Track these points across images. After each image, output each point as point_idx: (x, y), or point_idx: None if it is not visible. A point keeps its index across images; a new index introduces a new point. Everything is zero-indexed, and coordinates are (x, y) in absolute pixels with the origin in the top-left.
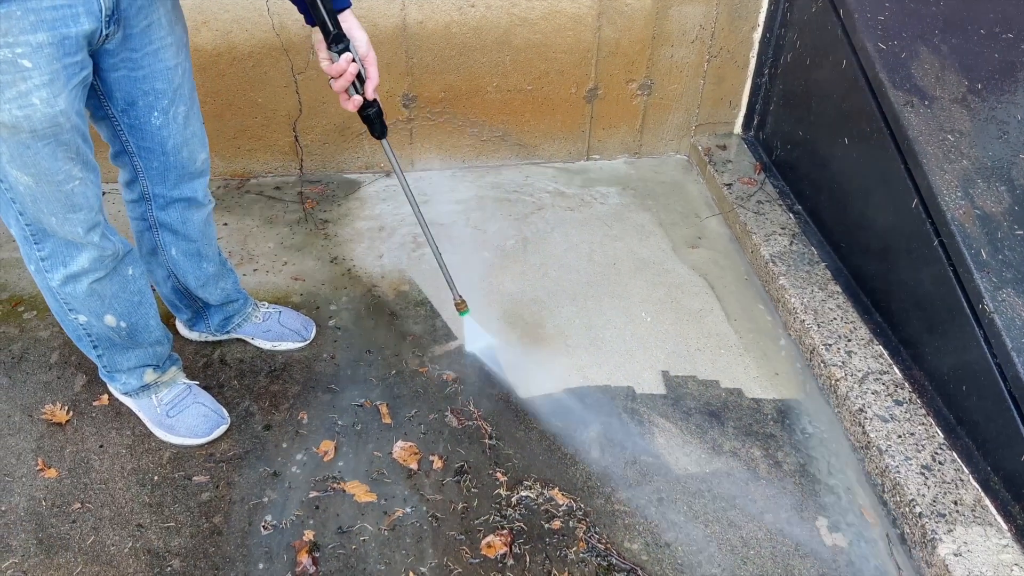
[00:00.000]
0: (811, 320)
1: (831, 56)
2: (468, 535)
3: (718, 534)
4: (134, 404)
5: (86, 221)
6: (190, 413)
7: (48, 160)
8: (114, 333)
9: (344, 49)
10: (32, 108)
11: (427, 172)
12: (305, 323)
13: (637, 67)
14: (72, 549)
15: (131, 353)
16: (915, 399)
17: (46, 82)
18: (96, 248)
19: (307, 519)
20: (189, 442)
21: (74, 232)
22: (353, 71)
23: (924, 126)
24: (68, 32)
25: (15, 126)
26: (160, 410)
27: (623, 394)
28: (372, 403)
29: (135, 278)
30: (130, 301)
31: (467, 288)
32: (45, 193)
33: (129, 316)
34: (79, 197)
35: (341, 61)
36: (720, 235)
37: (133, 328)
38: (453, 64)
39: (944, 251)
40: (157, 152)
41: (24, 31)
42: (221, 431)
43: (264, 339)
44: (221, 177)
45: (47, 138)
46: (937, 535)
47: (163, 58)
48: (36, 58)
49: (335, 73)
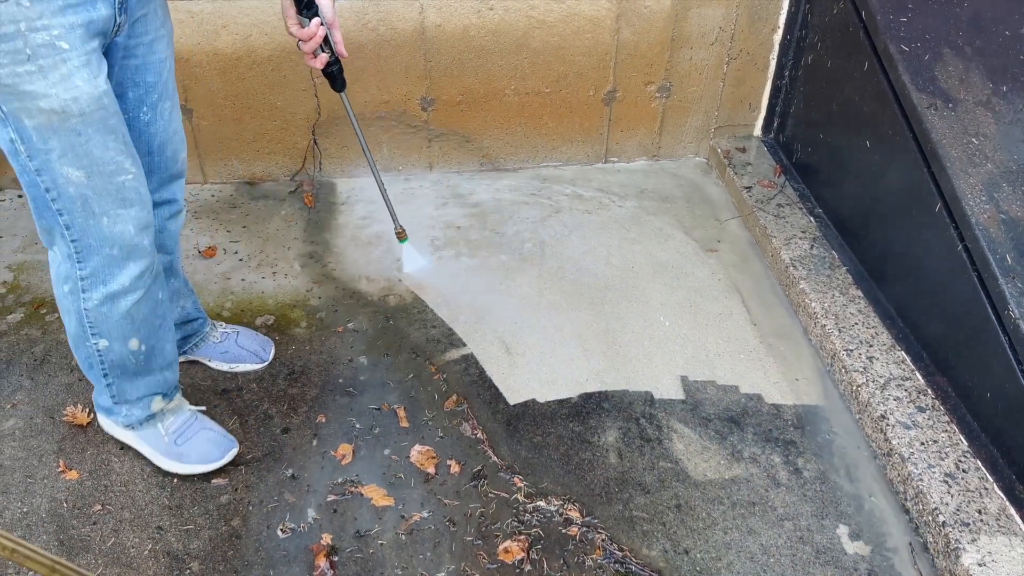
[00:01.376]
0: (832, 325)
1: (853, 58)
2: (485, 540)
3: (737, 541)
4: (136, 437)
5: (138, 219)
6: (200, 439)
7: (99, 149)
8: (132, 357)
9: (313, 15)
10: (77, 89)
11: (445, 174)
12: (263, 343)
13: (656, 69)
14: (93, 551)
15: (140, 381)
16: (938, 406)
17: (84, 63)
18: (145, 254)
19: (325, 522)
20: (201, 469)
21: (125, 231)
22: (322, 34)
23: (948, 129)
24: (91, 16)
25: (64, 111)
26: (168, 439)
27: (641, 399)
28: (390, 406)
29: (162, 302)
30: (153, 324)
31: (484, 291)
32: (97, 188)
33: (150, 339)
34: (131, 192)
35: (311, 25)
36: (739, 238)
37: (151, 351)
38: (471, 67)
39: (968, 256)
40: (143, 152)
41: (55, 13)
42: (232, 455)
43: (221, 360)
44: (240, 179)
45: (96, 123)
46: (961, 544)
47: (156, 50)
48: (71, 39)
49: (305, 36)
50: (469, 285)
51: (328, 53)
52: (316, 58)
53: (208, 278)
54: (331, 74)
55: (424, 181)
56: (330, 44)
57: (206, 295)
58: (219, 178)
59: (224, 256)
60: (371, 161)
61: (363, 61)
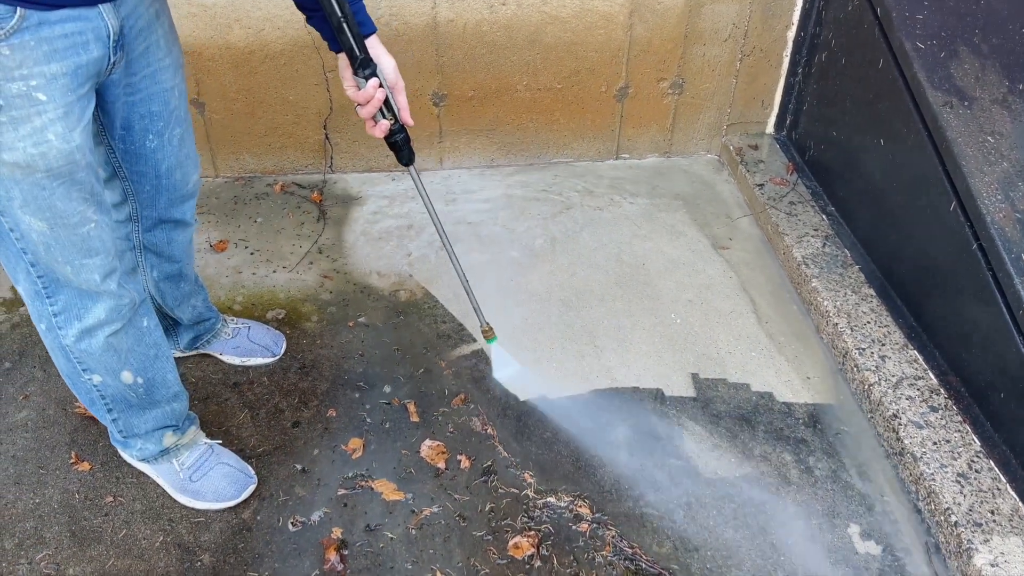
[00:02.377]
0: (844, 323)
1: (867, 55)
2: (495, 536)
3: (747, 539)
4: (153, 471)
5: (103, 267)
6: (215, 475)
7: (63, 201)
8: (130, 391)
9: (371, 74)
10: (48, 145)
11: (456, 170)
12: (275, 338)
13: (669, 66)
14: (104, 542)
15: (148, 414)
16: (951, 405)
17: (61, 116)
18: (113, 296)
19: (335, 516)
20: (217, 507)
21: (90, 280)
22: (380, 97)
23: (963, 127)
24: (80, 61)
25: (30, 165)
26: (183, 475)
27: (652, 396)
28: (400, 401)
29: (150, 330)
30: (146, 355)
31: (495, 288)
32: (60, 238)
33: (146, 371)
34: (95, 241)
35: (368, 87)
36: (751, 236)
37: (150, 384)
38: (483, 62)
39: (983, 255)
40: (150, 175)
41: (38, 62)
42: (250, 491)
43: (233, 355)
44: (251, 173)
45: (63, 177)
46: (973, 545)
47: (160, 80)
48: (50, 90)
49: (362, 100)
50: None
51: (391, 119)
52: (376, 125)
53: (219, 272)
54: (395, 144)
55: (435, 176)
56: (392, 109)
57: (217, 289)
58: (231, 172)
59: (235, 250)
60: (451, 251)
61: None
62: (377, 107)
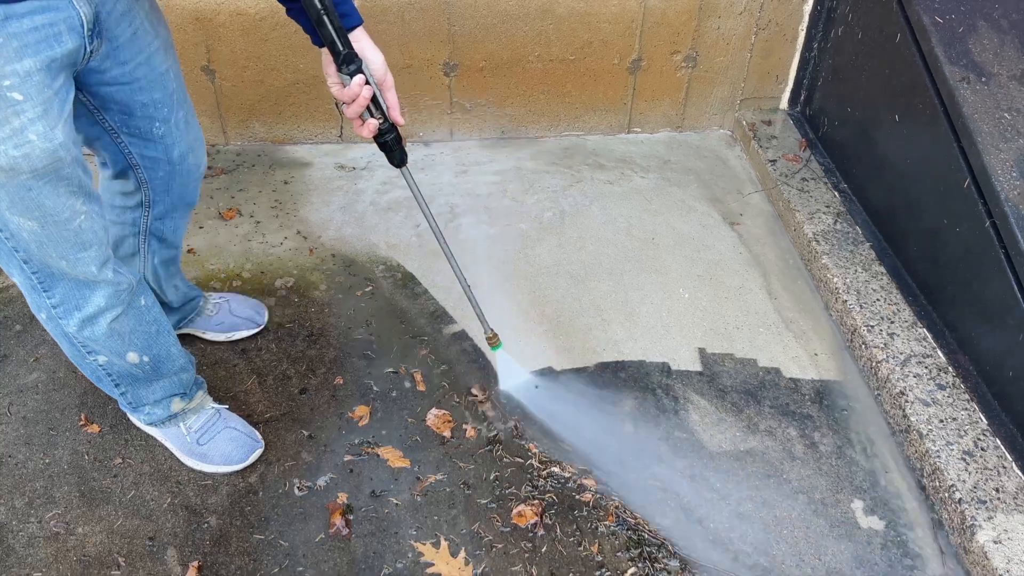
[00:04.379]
0: (853, 300)
1: (884, 30)
2: (500, 504)
3: (751, 512)
4: (160, 434)
5: (98, 257)
6: (222, 439)
7: (51, 199)
8: (137, 369)
9: (356, 71)
10: (30, 146)
11: (466, 142)
12: (256, 307)
13: (682, 38)
14: (113, 502)
15: (156, 385)
16: (958, 384)
17: (40, 114)
18: (110, 284)
19: (341, 482)
20: (224, 470)
21: (87, 271)
22: (367, 95)
23: (980, 103)
24: (54, 54)
25: (13, 168)
26: (190, 438)
27: (658, 370)
28: (407, 370)
29: (149, 308)
30: (148, 333)
31: (504, 260)
32: (52, 236)
33: (150, 349)
34: (87, 233)
35: (353, 85)
36: (762, 212)
37: (156, 360)
38: (495, 32)
39: (996, 233)
40: (162, 161)
41: (9, 60)
42: (256, 455)
43: (217, 331)
44: (261, 141)
45: (48, 175)
46: (977, 522)
47: (154, 65)
48: (26, 88)
49: (347, 99)
50: (488, 252)
51: (380, 118)
52: (364, 125)
53: (228, 239)
54: (385, 144)
55: (445, 148)
56: (381, 107)
57: (226, 256)
58: (240, 140)
59: (244, 218)
60: (449, 255)
61: (386, 24)
62: (363, 106)
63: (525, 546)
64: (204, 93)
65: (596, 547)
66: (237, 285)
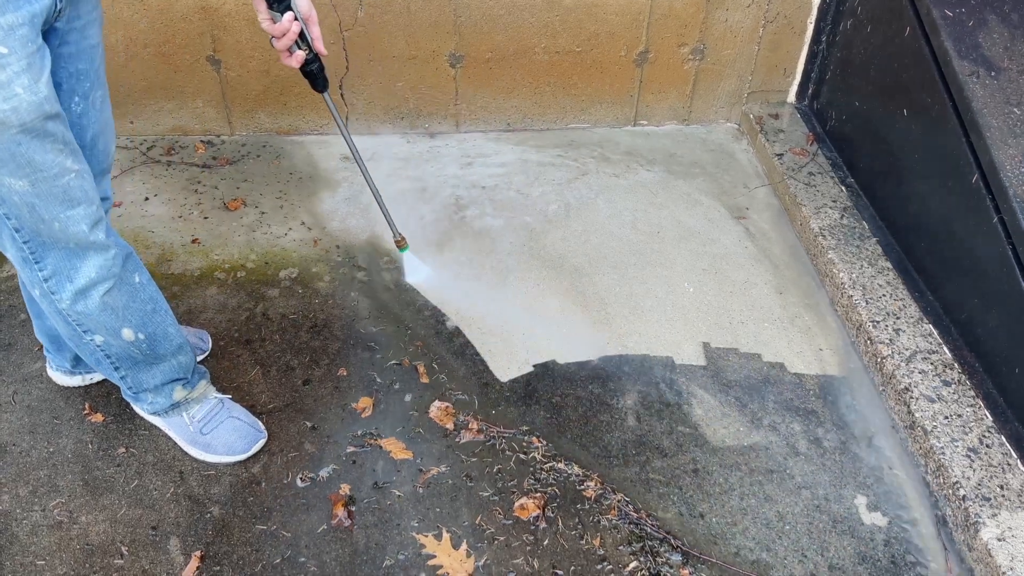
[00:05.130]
0: (859, 296)
1: (893, 23)
2: (502, 497)
3: (753, 507)
4: (164, 423)
5: (88, 216)
6: (225, 429)
7: (40, 154)
8: (134, 348)
9: (286, 8)
10: (17, 99)
11: (471, 133)
12: (199, 335)
13: (690, 31)
14: (116, 492)
15: (155, 369)
16: (964, 380)
17: (24, 68)
18: (102, 248)
19: (344, 473)
20: (227, 459)
21: (78, 231)
22: (296, 30)
23: (989, 98)
24: (34, 9)
25: (3, 122)
26: (193, 428)
27: (662, 364)
28: (410, 362)
29: (144, 285)
30: (143, 310)
31: (508, 252)
32: (42, 193)
33: (146, 326)
34: (76, 191)
35: (284, 20)
36: (768, 206)
37: (152, 338)
38: (501, 23)
39: (1004, 229)
40: None
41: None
42: (259, 446)
43: None
44: (266, 132)
45: (36, 130)
46: (981, 519)
47: (88, 35)
48: (11, 42)
49: (277, 32)
50: (493, 245)
51: (305, 50)
52: (292, 56)
53: (233, 230)
54: (310, 73)
55: (450, 139)
56: (307, 40)
57: (231, 247)
58: (246, 130)
59: (249, 209)
60: (361, 164)
61: (392, 15)
62: (292, 40)
63: (527, 539)
64: (209, 83)
65: (598, 540)
66: (241, 276)
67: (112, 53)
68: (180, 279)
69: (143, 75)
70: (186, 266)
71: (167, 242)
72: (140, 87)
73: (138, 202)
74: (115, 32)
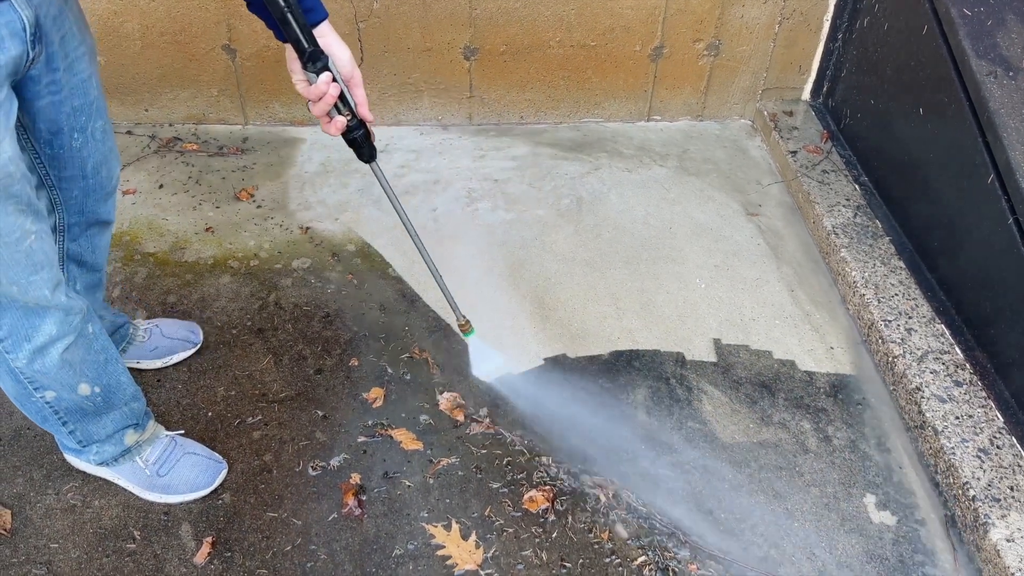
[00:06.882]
0: (871, 295)
1: (910, 22)
2: (511, 489)
3: (762, 504)
4: (113, 473)
5: (50, 280)
6: (184, 465)
7: (2, 217)
8: (87, 402)
9: (323, 68)
10: None
11: (484, 126)
12: (190, 327)
13: (706, 26)
14: None
15: (106, 418)
16: (976, 381)
17: None
18: (62, 309)
19: (354, 462)
20: (191, 497)
21: (40, 295)
22: (334, 93)
23: (1007, 98)
24: None
25: None
26: (149, 471)
27: (672, 360)
28: (421, 353)
29: (97, 336)
30: (97, 362)
31: (520, 247)
32: (3, 259)
33: (100, 379)
34: (38, 254)
35: (320, 83)
36: (781, 203)
37: (107, 391)
38: (516, 16)
39: (1019, 230)
40: (78, 178)
41: None
42: (222, 478)
43: (152, 358)
44: (281, 122)
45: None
46: (990, 520)
47: (78, 71)
48: None
49: (313, 96)
50: (505, 238)
51: (347, 115)
52: (331, 122)
53: (247, 219)
54: (354, 141)
55: (463, 132)
56: (349, 104)
57: (244, 236)
58: (260, 120)
59: (262, 198)
60: (420, 247)
61: (407, 7)
62: (330, 104)
63: (536, 531)
64: (225, 72)
65: (607, 534)
66: (255, 265)
67: (128, 40)
68: (194, 267)
69: (158, 63)
70: (200, 254)
71: (181, 230)
72: (155, 75)
73: (152, 189)
74: (131, 19)
